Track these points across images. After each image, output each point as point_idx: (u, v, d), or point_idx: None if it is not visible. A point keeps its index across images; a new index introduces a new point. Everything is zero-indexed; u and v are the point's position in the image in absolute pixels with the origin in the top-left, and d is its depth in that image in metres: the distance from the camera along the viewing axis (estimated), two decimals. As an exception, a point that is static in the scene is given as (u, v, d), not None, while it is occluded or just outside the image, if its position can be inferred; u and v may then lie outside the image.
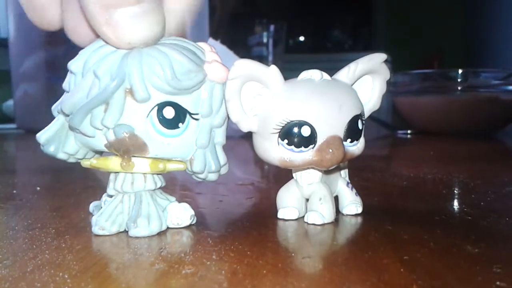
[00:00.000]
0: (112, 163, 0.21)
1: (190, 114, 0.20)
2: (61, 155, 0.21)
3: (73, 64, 0.20)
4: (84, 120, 0.19)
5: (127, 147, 0.20)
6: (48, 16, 0.22)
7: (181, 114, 0.20)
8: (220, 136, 0.22)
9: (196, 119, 0.21)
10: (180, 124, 0.20)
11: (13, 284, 0.15)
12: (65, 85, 0.21)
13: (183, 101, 0.20)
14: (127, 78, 0.19)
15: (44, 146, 0.21)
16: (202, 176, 0.22)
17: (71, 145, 0.21)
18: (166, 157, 0.21)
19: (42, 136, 0.21)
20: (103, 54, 0.19)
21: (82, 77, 0.20)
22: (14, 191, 0.34)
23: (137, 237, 0.20)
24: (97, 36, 0.20)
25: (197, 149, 0.21)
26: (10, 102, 1.19)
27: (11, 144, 0.90)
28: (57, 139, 0.21)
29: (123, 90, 0.19)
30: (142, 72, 0.19)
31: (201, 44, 0.22)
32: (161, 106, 0.19)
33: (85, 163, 0.22)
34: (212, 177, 0.22)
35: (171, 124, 0.20)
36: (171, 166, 0.21)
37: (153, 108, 0.19)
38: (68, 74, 0.21)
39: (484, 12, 1.75)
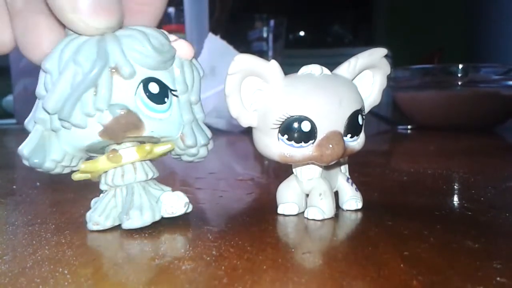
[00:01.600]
0: (101, 162, 0.21)
1: (170, 90, 0.21)
2: (48, 164, 0.21)
3: (47, 63, 0.20)
4: (74, 110, 0.19)
5: (124, 127, 0.20)
6: None
7: (164, 89, 0.20)
8: (199, 112, 0.23)
9: (176, 96, 0.21)
10: (165, 99, 0.21)
11: (13, 280, 0.15)
12: (40, 90, 0.20)
13: (162, 76, 0.20)
14: (110, 57, 0.19)
15: (29, 159, 0.20)
16: (194, 151, 0.22)
17: (56, 151, 0.21)
18: (159, 135, 0.21)
19: (24, 149, 0.20)
20: (77, 44, 0.19)
21: (58, 73, 0.19)
22: (14, 187, 0.34)
23: (130, 229, 0.20)
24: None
25: (184, 125, 0.22)
26: (9, 98, 1.19)
27: (11, 139, 0.90)
28: (40, 149, 0.20)
29: (108, 69, 0.19)
30: (123, 49, 0.19)
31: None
32: (146, 82, 0.20)
33: (76, 176, 0.22)
34: (203, 152, 0.23)
35: (158, 98, 0.20)
36: (159, 149, 0.22)
37: (139, 85, 0.20)
38: (41, 77, 0.20)
39: (485, 7, 1.74)
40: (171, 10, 0.87)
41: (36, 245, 0.19)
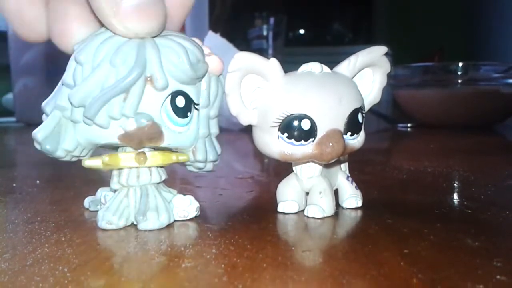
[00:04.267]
0: (124, 159, 0.21)
1: (194, 104, 0.21)
2: (59, 153, 0.21)
3: (82, 55, 0.19)
4: (100, 111, 0.19)
5: (144, 136, 0.20)
6: (37, 29, 0.22)
7: (189, 103, 0.21)
8: (214, 127, 0.23)
9: (197, 110, 0.21)
10: (188, 114, 0.21)
11: (13, 278, 0.15)
12: (67, 78, 0.20)
13: (189, 91, 0.21)
14: (148, 66, 0.19)
15: (41, 144, 0.20)
16: (201, 165, 0.22)
17: (70, 142, 0.20)
18: (176, 146, 0.21)
19: (38, 134, 0.20)
20: (115, 44, 0.19)
21: (91, 68, 0.19)
22: (14, 185, 0.34)
23: (146, 230, 0.20)
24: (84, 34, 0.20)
25: (199, 138, 0.22)
26: (9, 96, 1.19)
27: (11, 137, 0.90)
28: (55, 136, 0.20)
29: (143, 78, 0.19)
30: (161, 60, 0.19)
31: (193, 39, 0.22)
32: (174, 95, 0.20)
33: (87, 163, 0.21)
34: (209, 167, 0.23)
35: (182, 113, 0.20)
36: (181, 158, 0.22)
37: (167, 97, 0.20)
38: (72, 66, 0.20)
39: (485, 5, 1.74)
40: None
41: (36, 243, 0.19)
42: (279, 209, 0.23)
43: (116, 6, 0.19)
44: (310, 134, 0.21)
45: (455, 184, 0.32)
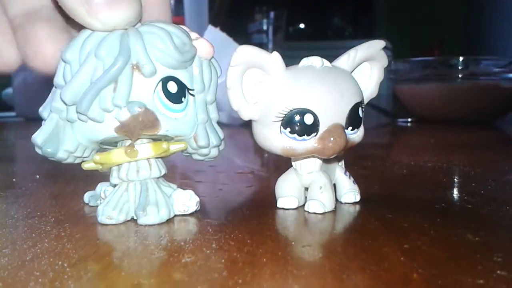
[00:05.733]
0: (115, 155, 0.21)
1: (188, 89, 0.21)
2: (61, 154, 0.21)
3: (68, 53, 0.20)
4: (92, 104, 0.19)
5: (140, 125, 0.20)
6: (3, 57, 0.22)
7: (182, 88, 0.20)
8: (213, 112, 0.23)
9: (193, 95, 0.21)
10: (183, 99, 0.20)
11: (12, 273, 0.15)
12: (58, 79, 0.20)
13: (181, 76, 0.20)
14: (132, 53, 0.19)
15: (42, 148, 0.20)
16: (205, 151, 0.22)
17: (70, 142, 0.21)
18: (174, 134, 0.21)
19: (38, 138, 0.20)
20: (99, 37, 0.19)
21: (79, 64, 0.19)
22: (14, 180, 0.34)
23: (146, 225, 0.20)
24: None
25: (198, 124, 0.22)
26: (9, 90, 1.18)
27: (11, 132, 0.89)
28: (54, 138, 0.20)
29: (129, 66, 0.19)
30: (145, 47, 0.19)
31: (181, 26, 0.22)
32: (165, 81, 0.20)
33: (86, 166, 0.22)
34: (214, 152, 0.23)
35: (176, 98, 0.20)
36: (174, 147, 0.22)
37: (158, 83, 0.20)
38: (61, 67, 0.20)
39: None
40: (171, 2, 0.86)
41: (36, 238, 0.19)
42: (279, 205, 0.23)
43: (87, 4, 0.19)
44: (312, 128, 0.21)
45: (455, 179, 0.32)
